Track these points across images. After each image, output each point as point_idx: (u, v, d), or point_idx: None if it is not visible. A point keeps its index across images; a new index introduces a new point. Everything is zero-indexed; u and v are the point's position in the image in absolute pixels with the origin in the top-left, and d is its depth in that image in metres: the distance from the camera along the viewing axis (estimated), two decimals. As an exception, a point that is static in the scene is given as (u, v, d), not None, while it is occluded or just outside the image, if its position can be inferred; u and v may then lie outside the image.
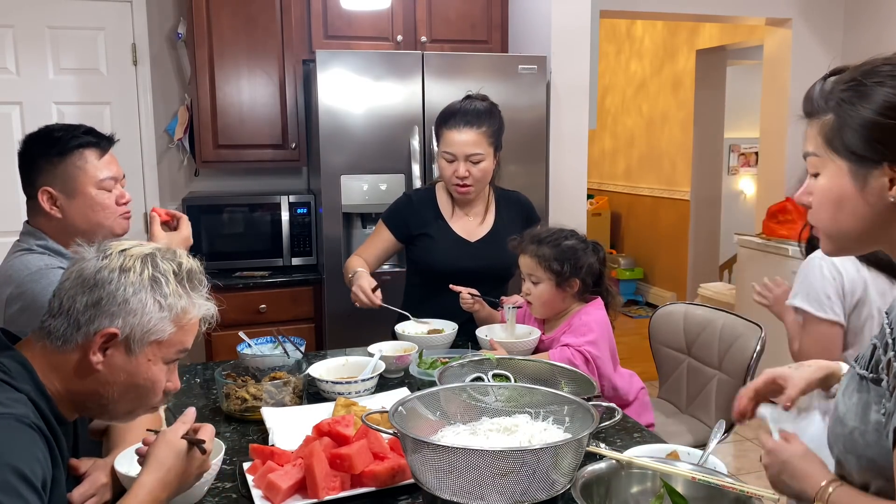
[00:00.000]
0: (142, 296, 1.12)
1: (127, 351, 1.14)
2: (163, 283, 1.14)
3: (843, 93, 1.02)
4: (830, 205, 1.06)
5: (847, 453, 1.06)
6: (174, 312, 1.15)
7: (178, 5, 3.63)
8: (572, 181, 3.42)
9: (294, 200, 3.47)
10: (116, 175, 1.79)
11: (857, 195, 1.03)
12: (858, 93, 1.01)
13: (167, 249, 1.20)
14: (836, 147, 1.03)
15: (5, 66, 3.43)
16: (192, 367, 2.08)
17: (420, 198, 2.42)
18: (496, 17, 3.59)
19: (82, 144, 1.73)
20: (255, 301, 3.27)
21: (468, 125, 2.25)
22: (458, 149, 2.25)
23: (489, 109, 2.30)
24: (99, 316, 1.11)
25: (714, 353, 2.30)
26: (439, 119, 2.31)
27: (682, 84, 6.25)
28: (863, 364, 1.06)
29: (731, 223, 6.12)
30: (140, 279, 1.13)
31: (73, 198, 1.72)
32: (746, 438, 3.81)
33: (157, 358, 1.16)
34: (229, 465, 1.41)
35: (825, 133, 1.05)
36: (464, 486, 1.10)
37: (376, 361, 1.86)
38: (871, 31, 4.10)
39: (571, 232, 2.10)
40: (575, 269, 2.02)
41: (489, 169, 2.31)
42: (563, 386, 1.52)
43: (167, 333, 1.15)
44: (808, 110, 1.09)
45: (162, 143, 3.71)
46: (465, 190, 2.30)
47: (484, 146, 2.27)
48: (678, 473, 1.17)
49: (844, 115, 1.02)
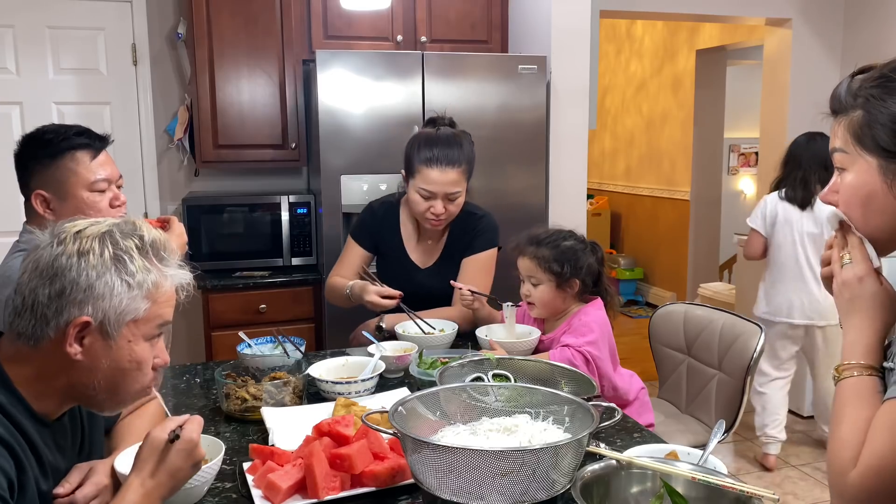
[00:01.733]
0: (107, 278, 1.06)
1: (104, 336, 1.08)
2: (127, 260, 1.08)
3: (873, 89, 1.02)
4: (859, 202, 1.06)
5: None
6: (145, 288, 1.09)
7: (178, 5, 3.63)
8: (572, 181, 3.42)
9: (294, 200, 3.47)
10: (110, 176, 1.76)
11: (886, 191, 1.02)
12: (887, 89, 1.01)
13: (125, 222, 1.13)
14: (866, 143, 1.03)
15: (5, 66, 3.43)
16: (191, 367, 2.08)
17: (384, 212, 2.39)
18: (496, 17, 3.59)
19: (74, 146, 1.71)
20: (255, 301, 3.27)
21: (450, 164, 2.19)
22: (438, 188, 2.20)
23: (466, 142, 2.26)
24: (66, 306, 1.05)
25: (714, 353, 2.30)
26: (416, 153, 2.22)
27: (682, 84, 6.25)
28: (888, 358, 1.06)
29: (731, 223, 6.12)
30: (102, 261, 1.06)
31: (64, 200, 1.71)
32: (746, 438, 3.81)
33: (137, 337, 1.11)
34: (229, 465, 1.41)
35: (854, 129, 1.04)
36: (464, 486, 1.10)
37: (376, 361, 1.86)
38: (871, 31, 4.10)
39: (570, 232, 2.10)
40: (575, 270, 2.02)
41: (462, 202, 2.28)
42: (563, 386, 1.52)
43: (143, 311, 1.09)
44: (834, 107, 1.08)
45: (162, 143, 3.71)
46: (438, 224, 2.27)
47: (463, 183, 2.24)
48: (678, 473, 1.17)
49: (874, 111, 1.01)
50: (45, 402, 1.12)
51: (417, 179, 2.22)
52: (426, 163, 2.19)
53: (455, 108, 3.17)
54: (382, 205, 2.42)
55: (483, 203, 2.46)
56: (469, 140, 2.28)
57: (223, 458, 1.31)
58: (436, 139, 2.22)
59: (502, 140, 3.24)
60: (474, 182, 2.34)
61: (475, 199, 2.40)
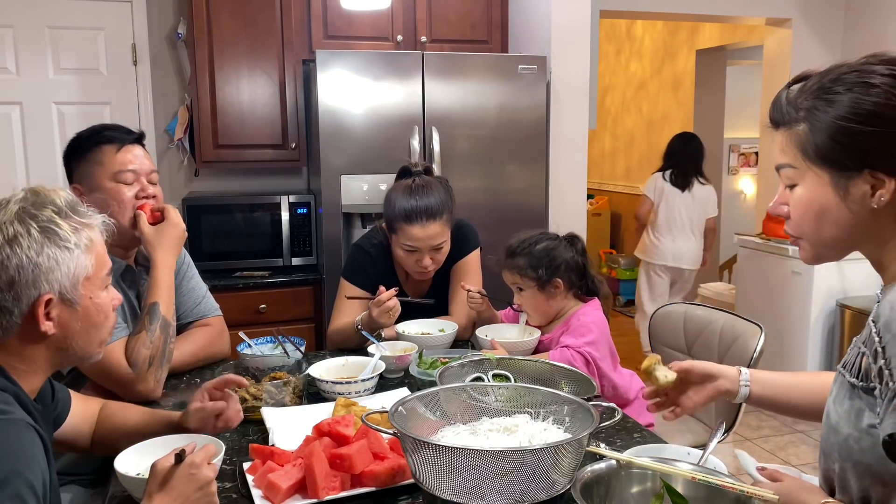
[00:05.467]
0: (47, 252, 1.10)
1: (68, 304, 1.14)
2: (55, 229, 1.11)
3: (814, 100, 1.02)
4: (813, 216, 1.06)
5: (844, 461, 1.06)
6: (83, 246, 1.14)
7: (178, 5, 3.63)
8: (572, 181, 3.42)
9: (294, 200, 3.47)
10: (138, 169, 1.82)
11: (839, 204, 1.03)
12: (828, 101, 1.01)
13: (30, 193, 1.15)
14: (813, 157, 1.03)
15: (5, 66, 3.43)
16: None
17: (378, 252, 2.31)
18: (496, 17, 3.59)
19: (101, 140, 1.80)
20: (255, 301, 3.27)
21: (430, 218, 2.12)
22: (423, 243, 2.14)
23: (442, 189, 2.19)
24: (22, 292, 1.09)
25: (714, 353, 2.30)
26: (394, 211, 2.15)
27: (682, 84, 6.25)
28: (852, 372, 1.06)
29: (731, 223, 6.12)
30: (33, 239, 1.09)
31: (93, 192, 1.79)
32: (746, 438, 3.81)
33: (94, 290, 1.18)
34: (229, 465, 1.41)
35: (801, 144, 1.04)
36: (464, 486, 1.10)
37: (376, 361, 1.86)
38: (871, 31, 4.10)
39: (541, 234, 2.11)
40: (553, 270, 2.03)
41: (448, 248, 2.23)
42: (563, 386, 1.52)
43: (90, 266, 1.15)
44: (776, 119, 1.08)
45: (162, 143, 3.71)
46: (427, 275, 2.24)
47: (446, 233, 2.19)
48: (678, 473, 1.17)
49: (818, 124, 1.02)
50: (30, 382, 1.16)
51: (400, 236, 2.16)
52: (406, 220, 2.13)
53: (455, 108, 3.18)
54: (374, 247, 2.32)
55: (483, 203, 2.46)
56: (445, 185, 2.23)
57: (223, 458, 1.31)
58: (412, 192, 2.15)
59: (502, 140, 3.24)
60: (475, 182, 2.34)
61: (475, 199, 2.40)
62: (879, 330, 0.99)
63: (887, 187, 0.99)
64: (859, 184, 1.01)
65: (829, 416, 1.10)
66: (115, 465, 1.27)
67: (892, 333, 0.96)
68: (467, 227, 2.36)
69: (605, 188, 7.47)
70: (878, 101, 0.98)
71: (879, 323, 1.00)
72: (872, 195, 1.00)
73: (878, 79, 0.99)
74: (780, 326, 4.09)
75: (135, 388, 1.71)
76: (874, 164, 0.99)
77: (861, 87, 0.99)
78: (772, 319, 3.99)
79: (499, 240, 2.31)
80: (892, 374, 0.95)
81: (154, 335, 1.74)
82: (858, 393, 1.03)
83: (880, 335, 0.98)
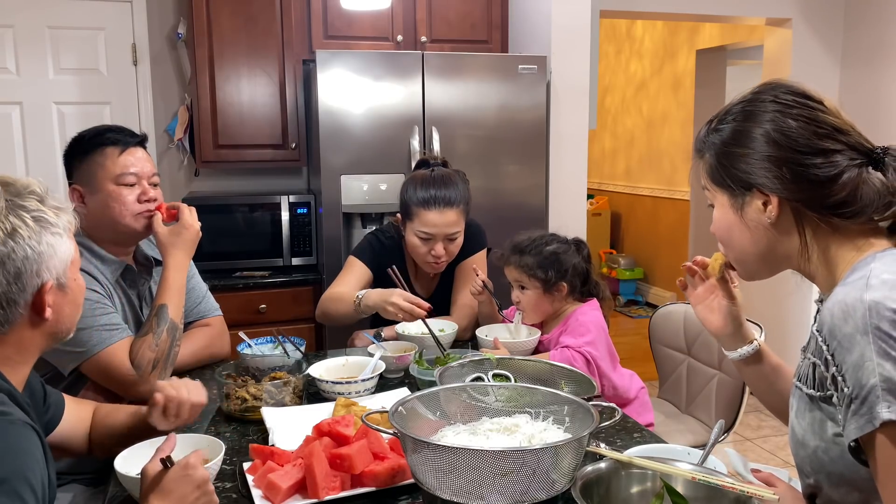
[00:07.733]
0: (45, 240, 1.13)
1: (62, 288, 1.18)
2: (45, 217, 1.14)
3: (710, 134, 1.16)
4: (724, 233, 1.18)
5: (817, 473, 1.08)
6: (67, 230, 1.18)
7: (178, 5, 3.63)
8: (572, 181, 3.42)
9: (294, 200, 3.47)
10: (140, 172, 1.83)
11: (740, 222, 1.14)
12: (718, 130, 1.15)
13: (7, 184, 1.15)
14: (711, 182, 1.17)
15: (5, 66, 3.43)
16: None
17: (390, 245, 2.34)
18: (496, 17, 3.59)
19: (104, 142, 1.80)
20: (255, 301, 3.27)
21: (448, 205, 2.15)
22: (437, 230, 2.16)
23: (461, 181, 2.22)
24: (28, 282, 1.11)
25: (714, 353, 2.30)
26: (411, 196, 2.17)
27: (682, 84, 6.25)
28: (807, 383, 1.07)
29: (731, 223, 6.11)
30: (31, 229, 1.11)
31: (94, 193, 1.79)
32: (746, 438, 3.82)
33: (76, 272, 1.22)
34: (229, 465, 1.41)
35: (708, 171, 1.17)
36: (464, 486, 1.10)
37: (376, 361, 1.86)
38: (871, 31, 4.10)
39: (552, 236, 2.10)
40: (560, 274, 2.03)
41: (462, 241, 2.24)
42: (563, 386, 1.52)
43: (73, 248, 1.19)
44: (697, 149, 1.21)
45: (162, 143, 3.71)
46: (438, 267, 2.25)
47: (461, 223, 2.21)
48: (678, 473, 1.17)
49: (711, 150, 1.15)
50: (19, 373, 1.17)
51: (416, 223, 2.18)
52: (423, 205, 2.15)
53: (455, 108, 3.18)
54: (389, 239, 2.36)
55: (483, 203, 2.46)
56: (464, 178, 2.25)
57: (223, 458, 1.31)
58: (431, 180, 2.17)
59: (502, 140, 3.24)
60: (475, 182, 2.34)
61: (475, 199, 2.40)
62: (825, 338, 1.00)
63: (773, 203, 1.08)
64: (752, 202, 1.11)
65: (794, 432, 1.12)
66: (115, 465, 1.27)
67: (838, 340, 0.97)
68: (476, 227, 2.37)
69: (605, 188, 7.47)
70: (750, 125, 1.09)
71: (824, 331, 1.01)
72: (764, 211, 1.09)
73: (757, 105, 1.10)
74: (781, 326, 4.10)
75: (136, 390, 1.71)
76: (758, 182, 1.09)
77: (741, 115, 1.12)
78: (772, 319, 3.99)
79: (499, 240, 2.31)
80: (845, 379, 0.96)
81: (160, 338, 1.74)
82: (818, 404, 1.05)
83: (827, 343, 1.00)
